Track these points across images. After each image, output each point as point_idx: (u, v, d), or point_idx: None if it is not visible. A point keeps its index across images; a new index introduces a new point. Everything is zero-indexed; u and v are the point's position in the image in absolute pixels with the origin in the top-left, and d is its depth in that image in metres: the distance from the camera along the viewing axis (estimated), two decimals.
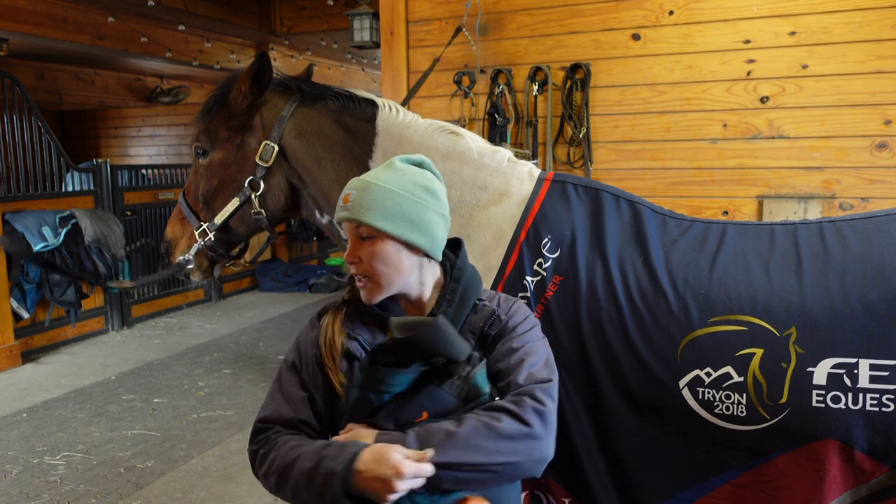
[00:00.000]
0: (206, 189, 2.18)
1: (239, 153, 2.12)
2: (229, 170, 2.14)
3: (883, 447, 1.48)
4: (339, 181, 2.02)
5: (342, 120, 2.07)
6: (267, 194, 2.12)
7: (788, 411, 1.52)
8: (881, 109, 3.23)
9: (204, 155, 2.17)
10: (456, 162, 1.93)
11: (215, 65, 8.75)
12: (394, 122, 2.02)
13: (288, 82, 2.14)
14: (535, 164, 2.04)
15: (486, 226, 1.87)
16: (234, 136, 2.12)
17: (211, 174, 2.17)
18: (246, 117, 2.11)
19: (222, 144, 2.14)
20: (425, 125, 2.01)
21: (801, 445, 1.52)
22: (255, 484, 3.68)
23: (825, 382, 1.50)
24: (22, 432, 4.44)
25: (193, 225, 2.20)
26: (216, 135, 2.14)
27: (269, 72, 2.08)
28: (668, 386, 1.59)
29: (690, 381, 1.57)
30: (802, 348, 1.53)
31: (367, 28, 6.11)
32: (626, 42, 3.61)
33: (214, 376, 5.51)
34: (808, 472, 1.52)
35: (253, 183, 2.09)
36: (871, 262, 1.57)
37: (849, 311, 1.52)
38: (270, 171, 2.10)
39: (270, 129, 2.09)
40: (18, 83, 6.22)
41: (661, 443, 1.62)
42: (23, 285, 5.93)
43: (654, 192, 3.59)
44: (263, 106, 2.11)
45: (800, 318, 1.54)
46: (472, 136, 1.99)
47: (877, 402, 1.48)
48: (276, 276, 8.87)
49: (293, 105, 2.08)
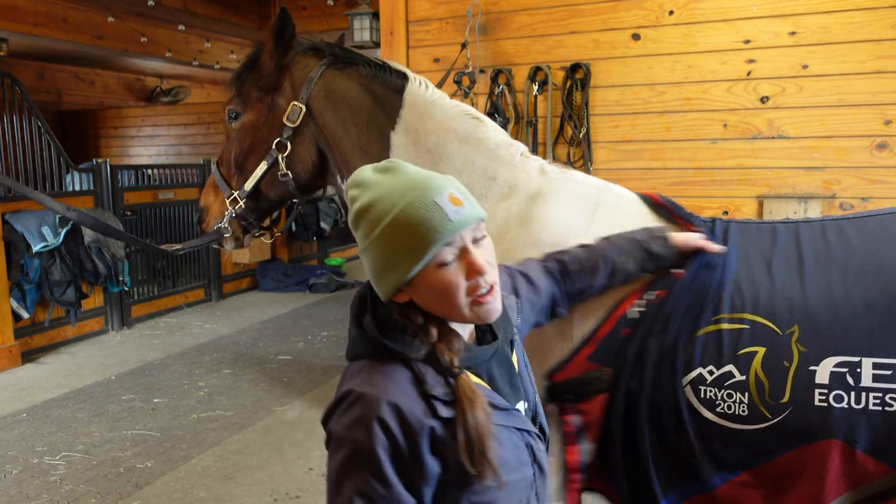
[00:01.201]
0: (237, 152, 2.18)
1: (269, 114, 2.12)
2: (260, 131, 2.14)
3: (886, 447, 1.48)
4: (361, 146, 2.03)
5: (371, 87, 2.06)
6: (294, 156, 2.11)
7: (790, 410, 1.51)
8: (881, 109, 3.23)
9: (236, 118, 2.19)
10: (472, 148, 1.94)
11: (215, 65, 8.75)
12: (420, 98, 2.01)
13: (321, 45, 2.14)
14: (551, 161, 2.05)
15: (492, 219, 1.87)
16: (264, 97, 2.12)
17: (242, 136, 2.17)
18: (275, 77, 2.10)
19: (253, 105, 2.15)
20: (450, 106, 2.00)
21: (802, 445, 1.51)
22: (255, 484, 3.68)
23: (828, 381, 1.50)
24: (22, 432, 4.44)
25: (225, 193, 2.22)
26: (247, 96, 2.15)
27: (291, 27, 2.07)
28: (672, 382, 1.60)
29: (693, 380, 1.58)
30: (805, 347, 1.52)
31: (367, 28, 6.12)
32: (626, 42, 3.61)
33: (214, 376, 5.51)
34: (810, 471, 1.52)
35: (280, 144, 2.09)
36: (873, 260, 1.57)
37: (851, 310, 1.52)
38: (298, 133, 2.10)
39: (299, 89, 2.08)
40: (18, 83, 6.22)
41: (660, 441, 1.62)
42: (23, 285, 5.92)
43: (654, 192, 3.58)
44: (294, 66, 2.10)
45: (802, 317, 1.54)
46: (493, 126, 1.99)
47: (880, 402, 1.47)
48: (276, 276, 8.87)
49: (322, 67, 2.08)
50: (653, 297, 1.63)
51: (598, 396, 1.62)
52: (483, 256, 1.13)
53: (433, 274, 1.10)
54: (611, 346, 1.63)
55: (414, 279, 1.11)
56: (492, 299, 1.13)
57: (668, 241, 1.65)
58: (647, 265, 1.64)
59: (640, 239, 1.65)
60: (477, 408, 1.07)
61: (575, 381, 1.65)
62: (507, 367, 1.24)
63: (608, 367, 1.62)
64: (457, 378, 1.10)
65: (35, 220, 5.90)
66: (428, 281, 1.11)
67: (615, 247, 1.64)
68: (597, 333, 1.65)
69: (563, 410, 1.66)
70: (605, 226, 1.81)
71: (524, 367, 1.32)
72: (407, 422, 1.06)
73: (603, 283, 1.62)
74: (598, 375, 1.63)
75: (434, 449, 1.08)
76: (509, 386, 1.22)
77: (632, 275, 1.63)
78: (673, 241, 1.65)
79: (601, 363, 1.63)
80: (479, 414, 1.07)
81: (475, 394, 1.09)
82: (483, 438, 1.06)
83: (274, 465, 3.92)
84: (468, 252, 1.11)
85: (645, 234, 1.66)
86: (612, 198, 1.89)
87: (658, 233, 1.67)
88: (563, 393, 1.65)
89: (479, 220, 1.14)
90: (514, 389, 1.23)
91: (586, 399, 1.64)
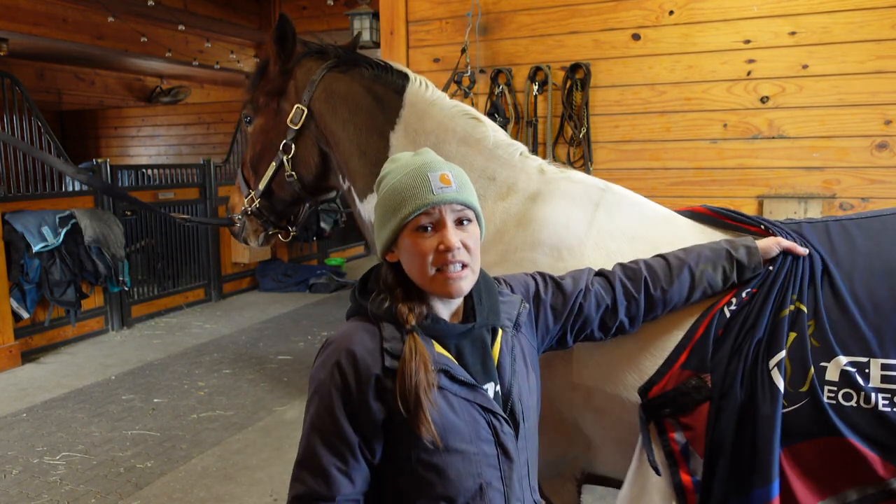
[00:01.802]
0: (252, 155, 2.30)
1: (276, 117, 2.21)
2: (269, 134, 2.23)
3: (894, 448, 1.47)
4: (359, 146, 2.07)
5: (372, 87, 2.09)
6: (297, 158, 2.19)
7: (804, 402, 1.51)
8: (881, 109, 3.23)
9: (249, 123, 2.30)
10: (470, 148, 1.94)
11: (215, 65, 8.75)
12: (420, 98, 2.03)
13: (327, 48, 2.19)
14: (552, 161, 2.05)
15: (490, 220, 1.87)
16: (270, 102, 2.21)
17: (255, 140, 2.28)
18: (280, 81, 2.18)
19: (262, 110, 2.24)
20: (450, 106, 2.01)
21: (810, 439, 1.51)
22: (255, 484, 3.68)
23: (837, 379, 1.50)
24: (22, 432, 4.43)
25: (244, 193, 2.35)
26: (257, 102, 2.25)
27: (292, 32, 2.13)
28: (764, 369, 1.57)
29: (778, 363, 1.55)
30: (818, 342, 1.53)
31: (367, 28, 6.13)
32: (627, 42, 3.61)
33: (214, 376, 5.51)
34: (814, 466, 1.51)
35: (285, 146, 2.17)
36: (878, 261, 1.57)
37: (858, 311, 1.52)
38: (301, 134, 2.16)
39: (302, 92, 2.14)
40: (18, 83, 6.22)
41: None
42: (23, 285, 5.92)
43: (654, 192, 3.58)
44: (298, 70, 2.18)
45: (814, 315, 1.55)
46: (492, 126, 2.00)
47: (888, 402, 1.47)
48: (276, 276, 8.87)
49: (325, 70, 2.13)
50: (744, 295, 1.60)
51: (701, 407, 1.56)
52: (459, 237, 1.27)
53: (410, 236, 1.27)
54: (705, 350, 1.58)
55: (398, 240, 1.29)
56: (457, 277, 1.26)
57: (753, 251, 1.61)
58: (732, 275, 1.60)
59: (725, 248, 1.62)
60: (419, 363, 1.21)
61: (674, 391, 1.58)
62: (480, 349, 1.34)
63: (706, 373, 1.57)
64: (408, 334, 1.24)
65: (35, 220, 5.90)
66: (406, 243, 1.28)
67: (697, 255, 1.61)
68: (691, 340, 1.60)
69: (666, 428, 1.60)
70: (605, 226, 1.80)
71: (512, 358, 1.38)
72: (359, 368, 1.23)
73: (684, 295, 1.59)
74: (697, 384, 1.57)
75: (378, 395, 1.23)
76: (480, 366, 1.33)
77: (717, 285, 1.60)
78: (757, 248, 1.62)
79: (696, 370, 1.58)
80: (420, 369, 1.21)
81: (421, 352, 1.22)
82: (418, 392, 1.20)
83: (274, 465, 3.91)
84: (444, 227, 1.26)
85: (728, 243, 1.63)
86: (613, 198, 1.88)
87: (742, 242, 1.63)
88: (662, 407, 1.59)
89: (464, 203, 1.28)
90: (485, 370, 1.33)
91: (689, 411, 1.58)
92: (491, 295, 1.39)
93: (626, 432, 1.68)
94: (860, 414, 1.48)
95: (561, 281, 1.56)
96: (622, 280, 1.57)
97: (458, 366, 1.29)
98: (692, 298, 1.60)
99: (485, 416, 1.29)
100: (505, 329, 1.39)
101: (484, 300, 1.36)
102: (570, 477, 1.84)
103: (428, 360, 1.23)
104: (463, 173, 1.33)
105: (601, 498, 3.41)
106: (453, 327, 1.32)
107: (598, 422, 1.75)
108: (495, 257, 1.81)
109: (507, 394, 1.35)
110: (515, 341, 1.41)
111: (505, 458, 1.31)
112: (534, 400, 1.43)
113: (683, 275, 1.58)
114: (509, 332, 1.40)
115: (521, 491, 1.34)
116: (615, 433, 1.74)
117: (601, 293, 1.55)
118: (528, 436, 1.38)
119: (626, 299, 1.56)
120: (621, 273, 1.59)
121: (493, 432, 1.30)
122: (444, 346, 1.30)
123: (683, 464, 1.60)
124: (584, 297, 1.54)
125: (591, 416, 1.75)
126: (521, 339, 1.43)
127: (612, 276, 1.59)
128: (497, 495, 1.29)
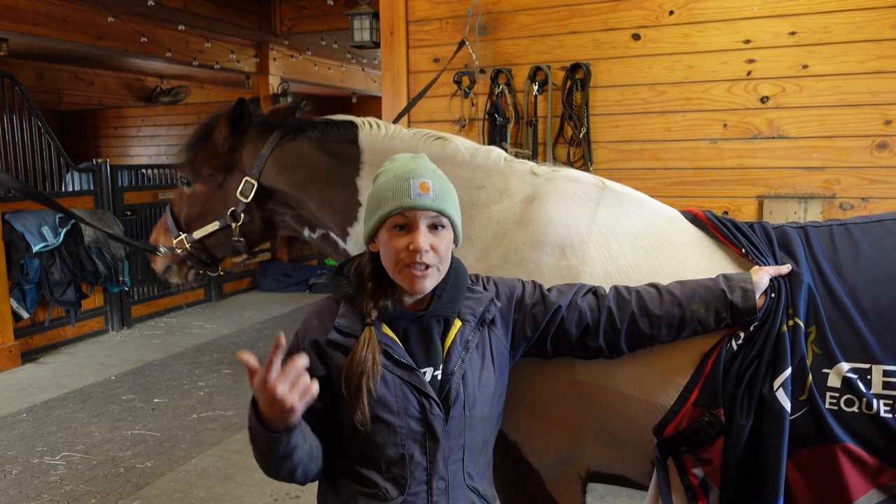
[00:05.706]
0: (188, 214, 2.36)
1: (220, 190, 2.28)
2: (210, 202, 2.30)
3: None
4: (323, 201, 2.12)
5: (325, 146, 2.14)
6: (247, 224, 2.27)
7: (805, 410, 1.50)
8: (881, 109, 3.23)
9: (188, 185, 2.33)
10: (448, 166, 1.91)
11: (215, 65, 8.74)
12: (377, 138, 2.08)
13: (270, 120, 2.24)
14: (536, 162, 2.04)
15: (487, 224, 1.86)
16: (216, 175, 2.27)
17: (193, 203, 2.33)
18: (228, 158, 2.26)
19: (205, 180, 2.30)
20: (409, 135, 2.04)
21: (813, 446, 1.50)
22: (255, 484, 3.68)
23: (839, 385, 1.49)
24: (22, 432, 4.43)
25: (173, 234, 2.40)
26: (199, 170, 2.31)
27: (247, 117, 2.20)
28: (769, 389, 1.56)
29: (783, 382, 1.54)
30: (819, 349, 1.52)
31: (367, 28, 6.12)
32: (627, 42, 3.61)
33: (214, 376, 5.51)
34: (817, 473, 1.51)
35: (234, 214, 2.24)
36: (882, 267, 1.56)
37: (860, 316, 1.52)
38: (250, 206, 2.24)
39: (251, 167, 2.20)
40: (18, 83, 6.22)
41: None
42: (22, 285, 5.93)
43: (654, 192, 3.55)
44: (244, 147, 2.23)
45: (816, 320, 1.54)
46: (459, 140, 2.00)
47: (890, 409, 1.46)
48: (276, 276, 8.87)
49: (272, 144, 2.18)
50: (752, 329, 1.56)
51: (717, 441, 1.55)
52: (430, 240, 1.41)
53: (387, 232, 1.43)
54: (715, 385, 1.55)
55: (378, 233, 1.45)
56: (420, 276, 1.40)
57: (749, 294, 1.54)
58: (726, 316, 1.55)
59: (721, 287, 1.56)
60: (369, 353, 1.39)
61: (689, 429, 1.57)
62: (426, 336, 1.48)
63: (718, 408, 1.55)
64: (367, 327, 1.42)
65: (35, 220, 5.91)
66: (383, 237, 1.44)
67: (691, 293, 1.57)
68: (701, 376, 1.57)
69: (685, 464, 1.58)
70: (607, 224, 1.79)
71: (464, 349, 1.48)
72: (312, 334, 1.48)
73: (672, 334, 1.57)
74: (711, 420, 1.55)
75: (321, 358, 1.45)
76: (422, 350, 1.47)
77: (709, 326, 1.56)
78: (753, 292, 1.55)
79: (708, 406, 1.56)
80: (369, 359, 1.38)
81: (373, 345, 1.40)
82: (361, 379, 1.37)
83: None
84: (416, 229, 1.40)
85: (725, 283, 1.57)
86: (613, 196, 1.87)
87: (739, 282, 1.56)
88: (679, 444, 1.58)
89: (438, 211, 1.41)
90: (427, 356, 1.47)
91: (706, 446, 1.56)
92: (456, 290, 1.50)
93: (630, 430, 1.68)
94: (861, 420, 1.47)
95: (547, 291, 1.61)
96: (610, 306, 1.57)
97: (400, 347, 1.44)
98: (681, 336, 1.58)
99: (417, 395, 1.42)
100: (465, 322, 1.50)
101: (445, 294, 1.48)
102: (575, 476, 1.83)
103: (377, 353, 1.40)
104: (446, 183, 1.47)
105: (601, 498, 3.41)
106: (404, 312, 1.47)
107: (602, 420, 1.74)
108: (497, 259, 1.81)
109: (446, 379, 1.45)
110: (476, 335, 1.51)
111: (431, 437, 1.43)
112: (488, 392, 1.50)
113: (674, 312, 1.55)
114: (469, 325, 1.50)
115: (446, 471, 1.44)
116: (619, 431, 1.73)
117: (586, 312, 1.56)
118: (471, 424, 1.47)
119: (609, 326, 1.56)
120: (612, 299, 1.58)
121: (422, 411, 1.42)
122: (392, 328, 1.46)
123: (703, 498, 1.59)
124: (567, 310, 1.55)
125: (594, 413, 1.75)
126: (487, 334, 1.53)
127: (603, 299, 1.59)
128: (418, 468, 1.43)
